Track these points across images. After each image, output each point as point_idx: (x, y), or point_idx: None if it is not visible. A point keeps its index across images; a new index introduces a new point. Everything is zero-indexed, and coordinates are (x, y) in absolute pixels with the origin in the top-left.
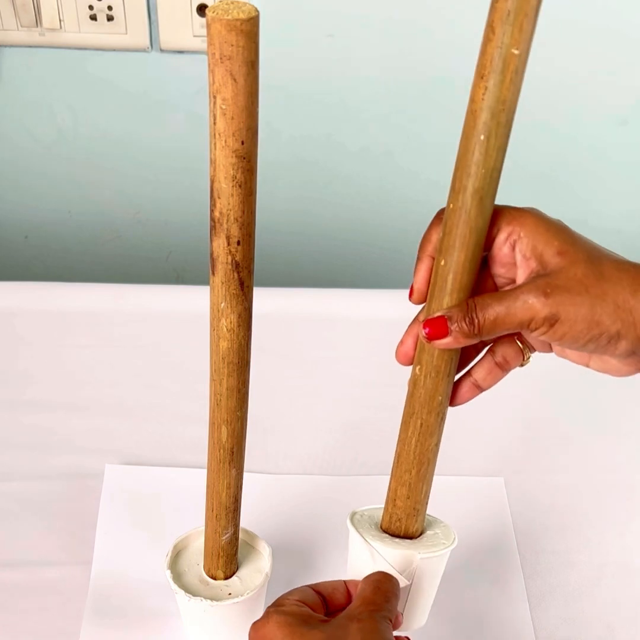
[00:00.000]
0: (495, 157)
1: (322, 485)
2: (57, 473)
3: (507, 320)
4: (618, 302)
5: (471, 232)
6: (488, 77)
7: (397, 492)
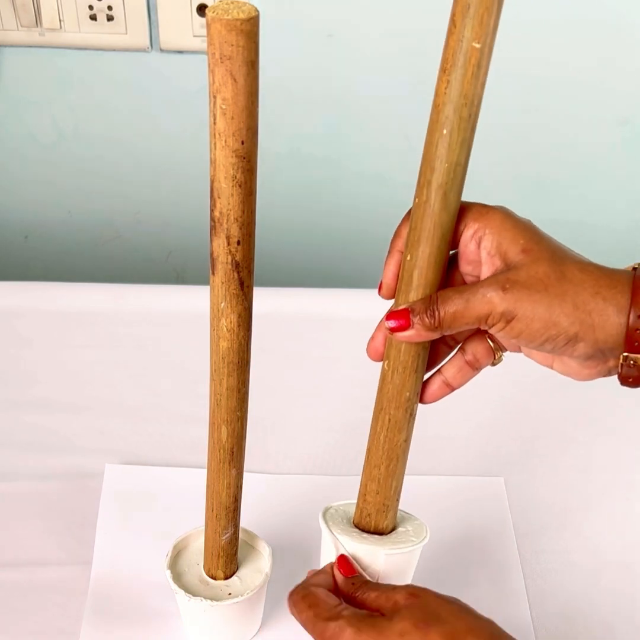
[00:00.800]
0: (458, 151)
1: (322, 485)
2: (57, 473)
3: (466, 314)
4: (577, 303)
5: (435, 227)
6: (450, 70)
7: (367, 487)
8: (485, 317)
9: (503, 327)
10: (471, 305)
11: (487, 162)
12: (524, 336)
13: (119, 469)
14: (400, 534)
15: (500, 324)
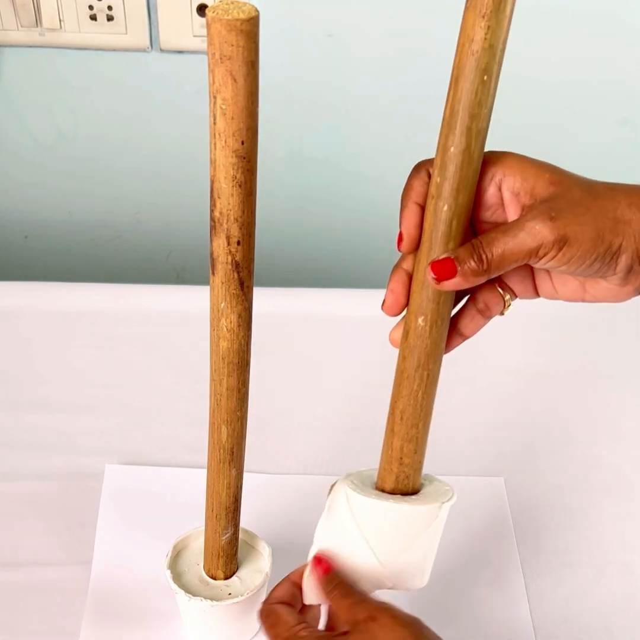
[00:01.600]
0: (494, 96)
1: (322, 485)
2: (57, 473)
3: (516, 251)
4: (617, 216)
5: (474, 174)
6: (490, 16)
7: (403, 450)
8: (536, 250)
9: (555, 255)
10: (520, 241)
11: None
12: (575, 260)
13: (119, 469)
14: (434, 488)
15: (553, 252)
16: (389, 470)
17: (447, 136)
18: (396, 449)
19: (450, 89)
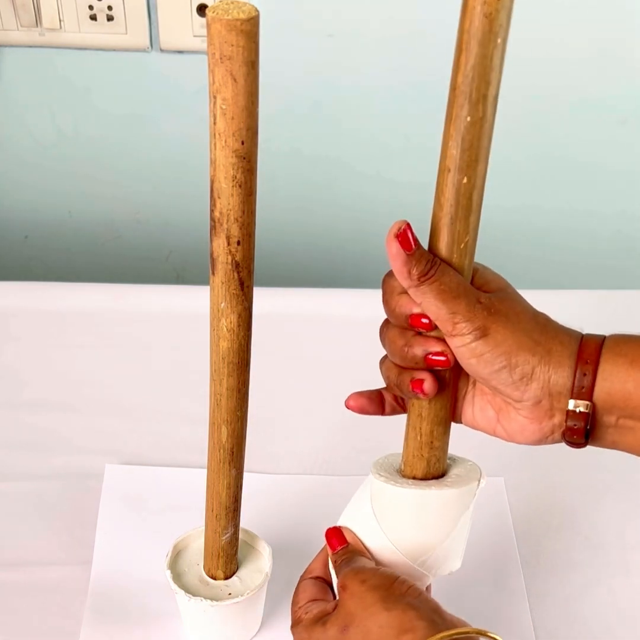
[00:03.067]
0: (504, 60)
1: (322, 485)
2: (57, 473)
3: (448, 301)
4: (541, 341)
5: (489, 144)
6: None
7: (434, 434)
8: (460, 320)
9: (470, 342)
10: (459, 301)
11: None
12: (485, 357)
13: (119, 469)
14: (460, 470)
15: (470, 337)
16: (419, 456)
17: (462, 105)
18: (426, 434)
19: (461, 55)
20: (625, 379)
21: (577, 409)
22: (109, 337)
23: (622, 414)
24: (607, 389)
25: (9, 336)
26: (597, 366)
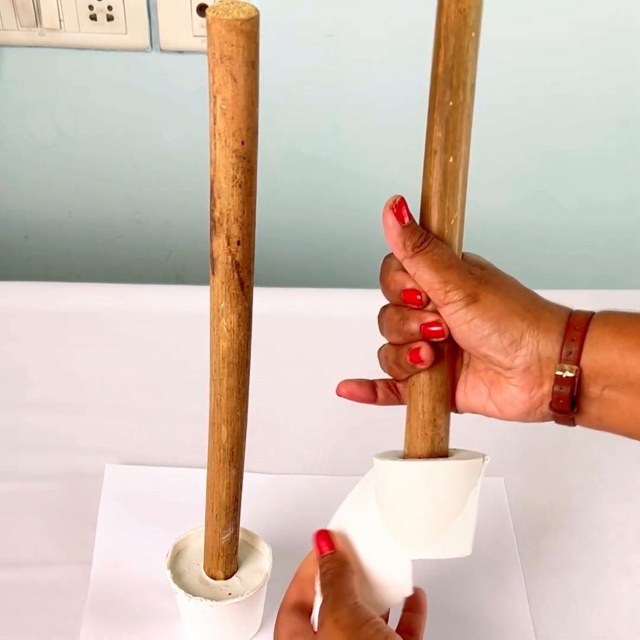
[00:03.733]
0: (477, 52)
1: (322, 485)
2: (57, 473)
3: (440, 271)
4: (531, 308)
5: (470, 126)
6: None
7: (436, 411)
8: (452, 289)
9: (460, 308)
10: (450, 271)
11: (486, 162)
12: (475, 322)
13: (119, 469)
14: (461, 452)
15: (461, 303)
16: (422, 435)
17: (444, 91)
18: (428, 412)
19: (440, 47)
20: (611, 347)
21: (564, 373)
22: (109, 337)
23: (607, 383)
24: (593, 356)
25: (8, 336)
26: (585, 333)
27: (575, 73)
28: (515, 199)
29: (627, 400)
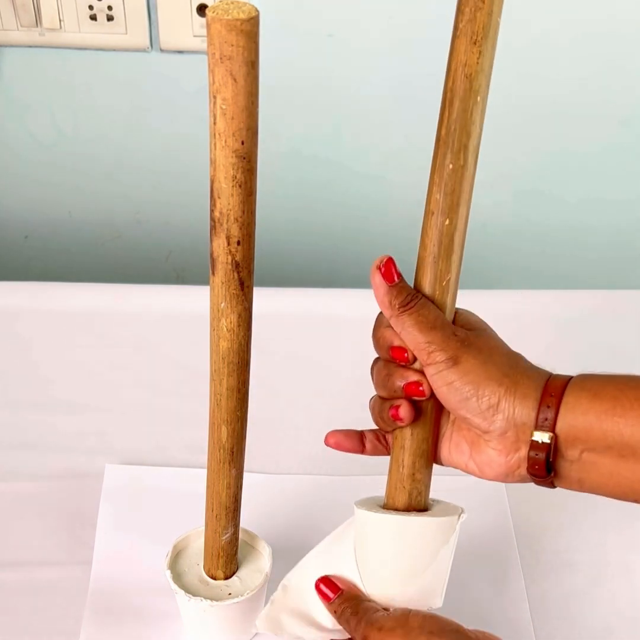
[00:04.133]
0: (484, 116)
1: (322, 485)
2: (57, 473)
3: (424, 332)
4: (510, 374)
5: (471, 189)
6: (481, 42)
7: (415, 466)
8: (434, 350)
9: (442, 370)
10: (434, 332)
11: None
12: (455, 384)
13: (119, 469)
14: (441, 505)
15: (442, 365)
16: (401, 488)
17: (445, 154)
18: (408, 466)
19: (445, 110)
20: (587, 411)
21: (540, 439)
22: (109, 337)
23: (585, 446)
24: (569, 421)
25: (8, 336)
26: (561, 399)
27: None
28: (516, 198)
29: (606, 463)
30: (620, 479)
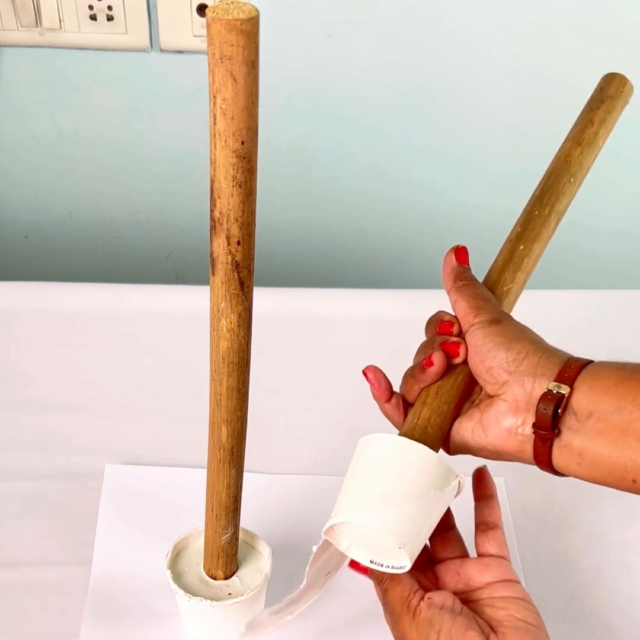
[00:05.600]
0: (574, 191)
1: (322, 485)
2: (57, 473)
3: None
4: (540, 341)
5: (547, 236)
6: (584, 146)
7: (430, 421)
8: (482, 312)
9: (483, 326)
10: (485, 303)
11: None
12: (491, 336)
13: (119, 469)
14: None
15: (485, 322)
16: (410, 435)
17: (533, 204)
18: (424, 418)
19: (545, 176)
20: (609, 375)
21: (554, 389)
22: (109, 337)
23: (597, 409)
24: (588, 382)
25: (8, 336)
26: (583, 366)
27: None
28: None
29: (614, 430)
30: (623, 450)
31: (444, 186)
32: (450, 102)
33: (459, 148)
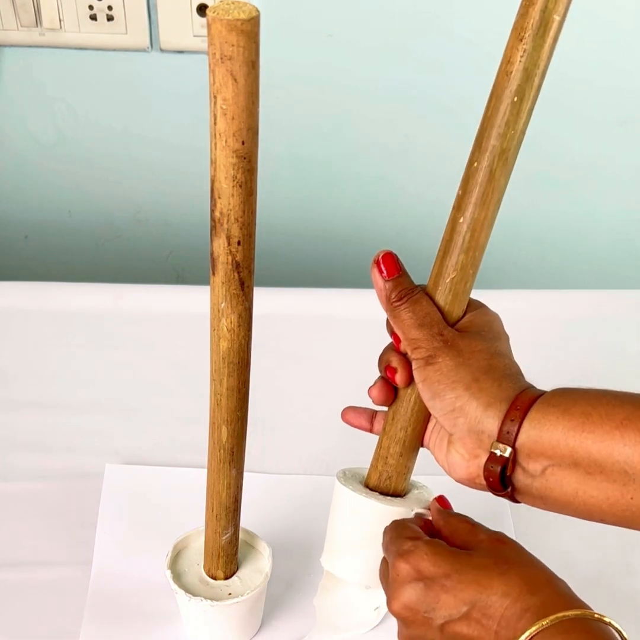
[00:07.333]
0: (525, 119)
1: (322, 485)
2: (57, 473)
3: (412, 328)
4: (480, 379)
5: (494, 191)
6: (527, 39)
7: (389, 450)
8: (417, 347)
9: (419, 366)
10: (420, 330)
11: None
12: (426, 382)
13: (119, 469)
14: (417, 496)
15: (421, 362)
16: (374, 467)
17: (473, 152)
18: (384, 448)
19: (486, 107)
20: (555, 427)
21: (498, 452)
22: (109, 337)
23: (550, 463)
24: (534, 437)
25: (8, 336)
26: (526, 414)
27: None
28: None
29: (572, 480)
30: (585, 497)
31: (444, 186)
32: (451, 102)
33: (459, 149)
